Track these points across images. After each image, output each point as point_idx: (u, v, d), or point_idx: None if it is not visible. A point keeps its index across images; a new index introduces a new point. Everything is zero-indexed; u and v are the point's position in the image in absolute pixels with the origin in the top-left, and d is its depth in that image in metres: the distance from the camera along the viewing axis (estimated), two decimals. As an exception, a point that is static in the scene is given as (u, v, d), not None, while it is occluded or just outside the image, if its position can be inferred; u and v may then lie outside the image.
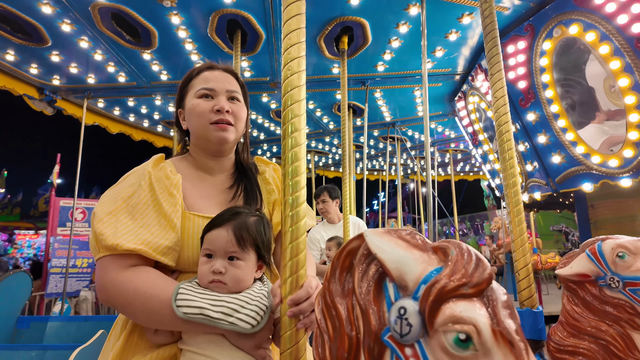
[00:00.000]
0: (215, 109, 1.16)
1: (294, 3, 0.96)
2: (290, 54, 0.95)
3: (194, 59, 4.36)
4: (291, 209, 0.87)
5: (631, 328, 1.19)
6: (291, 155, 0.89)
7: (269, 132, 7.54)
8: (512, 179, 1.68)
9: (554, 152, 3.69)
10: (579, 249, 1.35)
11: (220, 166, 1.26)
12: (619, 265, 1.20)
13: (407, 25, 3.68)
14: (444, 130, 7.44)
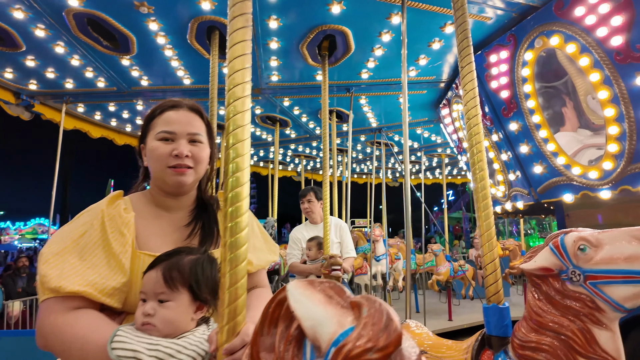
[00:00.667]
0: (174, 153, 1.13)
1: (239, 43, 0.90)
2: (235, 94, 0.89)
3: (175, 65, 4.27)
4: (230, 252, 0.81)
5: (591, 323, 1.15)
6: (232, 197, 0.83)
7: (254, 137, 7.47)
8: (482, 182, 1.63)
9: (535, 162, 3.69)
10: (543, 243, 1.32)
11: (179, 204, 1.22)
12: (580, 258, 1.17)
13: (389, 33, 3.65)
14: (430, 136, 7.45)
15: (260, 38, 3.72)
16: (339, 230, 3.53)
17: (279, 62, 4.22)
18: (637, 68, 2.66)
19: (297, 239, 3.50)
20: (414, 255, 8.45)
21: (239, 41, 0.90)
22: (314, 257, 3.28)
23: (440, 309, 8.92)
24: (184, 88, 4.93)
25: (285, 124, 6.59)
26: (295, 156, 9.51)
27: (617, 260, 1.10)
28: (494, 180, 4.61)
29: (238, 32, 0.90)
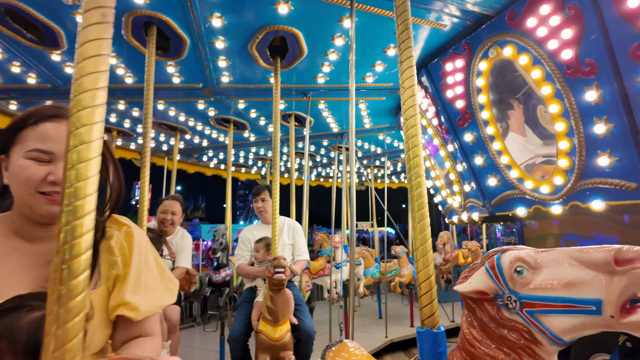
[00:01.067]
0: (49, 179, 0.90)
1: (91, 58, 0.66)
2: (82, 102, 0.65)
3: (112, 63, 3.91)
4: (58, 301, 0.58)
5: (528, 357, 0.99)
6: (68, 212, 0.60)
7: (211, 139, 7.13)
8: (418, 190, 1.49)
9: (490, 174, 3.62)
10: (480, 261, 1.15)
11: (49, 234, 0.97)
12: (517, 282, 1.01)
13: (342, 38, 3.47)
14: (393, 142, 7.37)
15: (205, 36, 3.44)
16: (292, 232, 3.35)
17: (228, 62, 3.94)
18: (586, 83, 2.61)
19: (247, 240, 3.29)
20: (378, 264, 8.37)
21: (92, 39, 0.66)
22: (261, 260, 3.09)
23: (403, 314, 8.89)
24: (126, 87, 4.55)
25: (243, 127, 6.31)
26: (258, 159, 9.22)
27: (556, 287, 0.93)
28: (451, 190, 4.54)
29: (91, 28, 0.67)
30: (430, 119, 4.17)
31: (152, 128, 6.32)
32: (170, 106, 5.33)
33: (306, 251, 3.36)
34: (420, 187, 1.49)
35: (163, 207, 3.35)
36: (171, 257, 3.31)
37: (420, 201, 1.47)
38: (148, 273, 1.04)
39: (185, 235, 3.48)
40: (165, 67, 4.06)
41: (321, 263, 7.34)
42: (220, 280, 4.65)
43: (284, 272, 2.62)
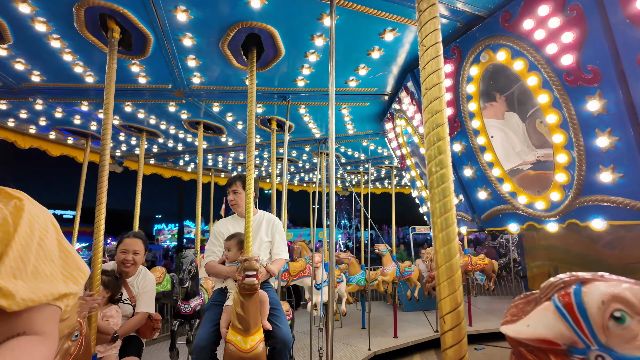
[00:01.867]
0: None
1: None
2: None
3: (68, 59, 3.51)
4: None
5: None
6: None
7: (187, 144, 6.74)
8: (441, 187, 1.21)
9: (480, 187, 3.37)
10: (540, 292, 0.83)
11: None
12: (614, 335, 0.69)
13: (323, 37, 3.17)
14: (377, 148, 7.12)
15: (170, 33, 3.09)
16: (271, 227, 3.03)
17: (198, 62, 3.60)
18: (587, 91, 2.37)
19: (219, 234, 2.96)
20: (364, 271, 8.12)
21: None
22: (233, 259, 2.75)
23: (387, 324, 8.64)
24: (88, 87, 4.15)
25: (220, 131, 5.94)
26: (237, 164, 8.84)
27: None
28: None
29: None
30: (417, 127, 3.91)
31: (122, 131, 5.90)
32: (138, 108, 4.93)
33: (286, 250, 3.06)
34: (444, 181, 1.17)
35: (124, 245, 2.96)
36: (132, 302, 2.92)
37: (444, 202, 1.15)
38: (42, 256, 0.86)
39: (148, 275, 3.09)
40: (130, 66, 3.68)
41: (301, 264, 7.04)
42: (189, 311, 4.14)
43: (256, 275, 2.30)
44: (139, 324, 2.87)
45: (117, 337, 2.67)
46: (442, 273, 1.15)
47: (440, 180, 1.22)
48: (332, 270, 2.69)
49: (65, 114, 5.08)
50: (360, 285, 8.10)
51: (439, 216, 1.18)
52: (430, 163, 1.25)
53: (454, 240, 1.20)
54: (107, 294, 2.75)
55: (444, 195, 1.19)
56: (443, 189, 1.20)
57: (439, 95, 1.31)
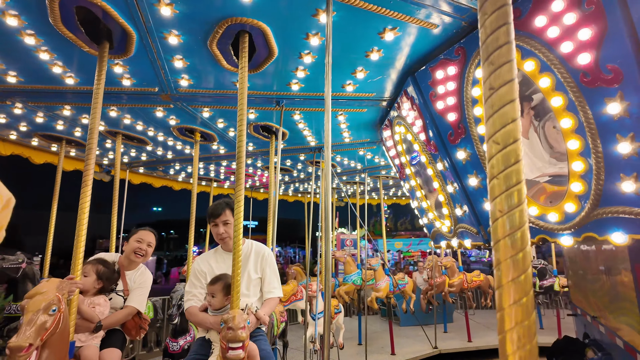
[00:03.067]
0: None
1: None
2: None
3: (45, 58, 3.27)
4: None
5: None
6: None
7: (177, 151, 6.48)
8: (513, 188, 0.92)
9: (486, 197, 3.15)
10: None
11: None
12: None
13: (318, 36, 2.96)
14: (373, 157, 6.91)
15: (154, 30, 2.87)
16: (261, 261, 2.61)
17: (186, 62, 3.37)
18: (607, 93, 2.17)
19: (201, 272, 2.54)
20: (360, 270, 7.90)
21: None
22: (218, 307, 2.37)
23: (383, 340, 8.34)
24: (69, 89, 3.91)
25: (211, 138, 5.70)
26: (230, 174, 8.58)
27: None
28: (439, 213, 4.06)
29: None
30: (417, 134, 3.70)
31: (108, 138, 5.63)
32: (124, 113, 4.68)
33: (279, 285, 2.62)
34: (517, 180, 0.85)
35: (139, 236, 3.02)
36: (125, 295, 2.84)
37: (518, 213, 0.84)
38: None
39: (146, 273, 3.03)
40: (112, 67, 3.45)
41: (292, 287, 6.71)
42: (177, 349, 3.88)
43: (242, 346, 1.99)
44: (125, 318, 2.76)
45: (101, 327, 2.55)
46: (509, 290, 0.82)
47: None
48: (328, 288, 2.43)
49: (47, 119, 4.82)
50: (356, 285, 7.84)
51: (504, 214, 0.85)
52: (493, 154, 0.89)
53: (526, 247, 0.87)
54: (99, 285, 2.69)
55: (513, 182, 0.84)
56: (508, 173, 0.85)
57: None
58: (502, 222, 0.81)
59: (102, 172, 7.63)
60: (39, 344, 1.85)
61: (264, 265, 2.61)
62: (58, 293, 2.01)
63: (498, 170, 0.83)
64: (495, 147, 0.85)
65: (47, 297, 1.95)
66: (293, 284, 6.95)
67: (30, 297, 1.94)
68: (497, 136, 0.85)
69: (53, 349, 1.96)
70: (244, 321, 2.04)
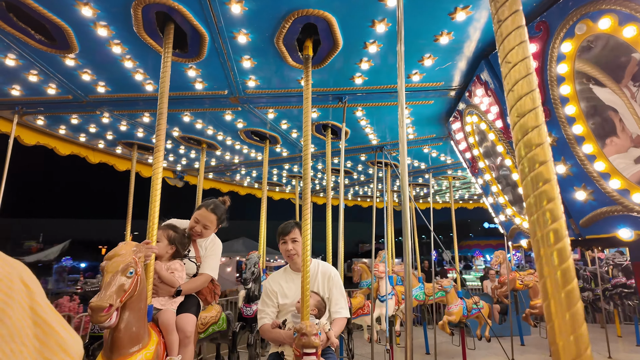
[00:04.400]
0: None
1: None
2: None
3: (129, 66, 3.56)
4: None
5: None
6: None
7: (243, 155, 6.72)
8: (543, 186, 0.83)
9: (577, 186, 2.83)
10: None
11: None
12: None
13: (385, 23, 2.89)
14: (439, 155, 6.61)
15: (225, 30, 2.99)
16: (327, 281, 2.67)
17: (254, 62, 3.48)
18: None
19: (273, 293, 2.64)
20: (422, 284, 7.53)
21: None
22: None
23: (453, 351, 7.90)
24: (149, 96, 4.22)
25: (275, 141, 5.84)
26: (291, 177, 8.73)
27: None
28: (519, 208, 3.74)
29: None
30: (493, 121, 3.45)
31: (182, 144, 6.00)
32: (196, 118, 4.96)
33: (346, 306, 2.65)
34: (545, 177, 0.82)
35: (198, 215, 3.04)
36: (197, 261, 2.96)
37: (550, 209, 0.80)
38: (2, 336, 0.57)
39: (215, 240, 3.15)
40: (186, 71, 3.66)
41: (359, 300, 6.52)
42: (251, 314, 4.12)
43: (315, 353, 2.02)
44: (202, 284, 2.90)
45: (180, 292, 2.67)
46: (554, 302, 0.74)
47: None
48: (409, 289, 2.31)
49: (129, 127, 5.25)
50: (418, 300, 7.47)
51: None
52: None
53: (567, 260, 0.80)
54: (172, 250, 2.79)
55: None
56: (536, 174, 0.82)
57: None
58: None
59: (175, 178, 8.15)
60: (118, 305, 1.92)
61: (330, 285, 2.68)
62: (134, 256, 2.07)
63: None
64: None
65: (125, 259, 2.01)
66: (360, 297, 6.78)
67: (109, 258, 2.00)
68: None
69: (132, 311, 2.04)
70: (317, 329, 2.10)
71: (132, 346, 2.02)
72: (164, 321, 2.48)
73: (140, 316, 2.10)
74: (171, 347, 2.47)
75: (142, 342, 2.09)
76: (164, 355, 2.39)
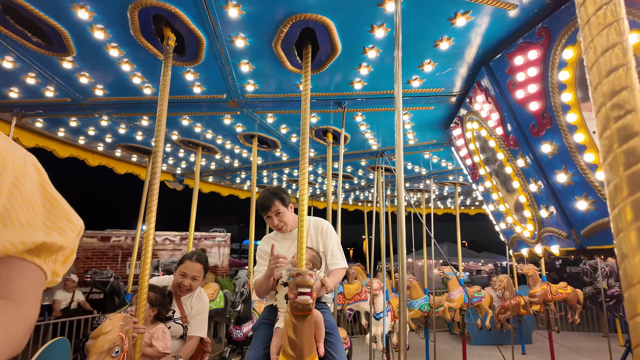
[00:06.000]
0: None
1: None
2: None
3: (126, 70, 3.53)
4: None
5: None
6: None
7: (242, 159, 6.70)
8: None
9: (578, 195, 2.77)
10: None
11: None
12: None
13: (384, 28, 2.85)
14: (440, 161, 6.56)
15: (222, 33, 2.97)
16: (321, 235, 2.63)
17: (252, 66, 3.45)
18: None
19: (265, 253, 2.62)
20: (427, 296, 7.45)
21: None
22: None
23: (453, 358, 7.82)
24: (147, 100, 4.19)
25: (275, 145, 5.81)
26: (292, 181, 8.70)
27: None
28: (520, 217, 3.68)
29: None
30: (493, 128, 3.40)
31: (181, 147, 5.98)
32: (195, 122, 4.93)
33: (343, 257, 2.60)
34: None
35: (184, 269, 2.82)
36: (183, 322, 2.77)
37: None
38: (17, 199, 0.67)
39: (202, 296, 2.95)
40: (184, 75, 3.64)
41: (357, 286, 6.57)
42: (241, 337, 4.00)
43: (310, 293, 1.94)
44: (194, 349, 2.74)
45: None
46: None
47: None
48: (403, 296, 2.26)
49: (128, 130, 5.24)
50: (423, 311, 7.39)
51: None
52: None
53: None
54: (153, 312, 2.62)
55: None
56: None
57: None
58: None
59: (175, 182, 8.13)
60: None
61: (324, 238, 2.63)
62: (121, 332, 2.01)
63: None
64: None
65: (110, 337, 1.95)
66: (357, 283, 6.79)
67: (95, 337, 1.96)
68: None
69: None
70: (311, 272, 2.04)
71: None
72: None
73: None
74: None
75: None
76: None
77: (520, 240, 3.87)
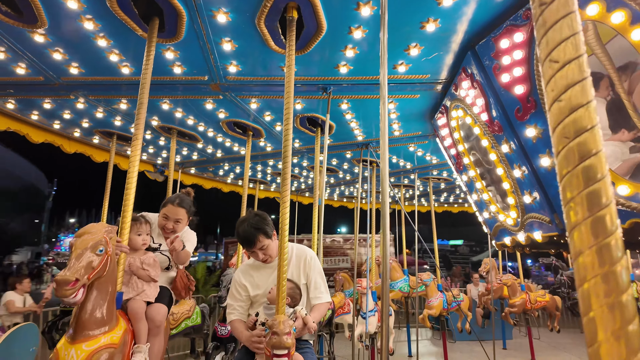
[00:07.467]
0: None
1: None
2: None
3: (102, 45, 3.38)
4: None
5: None
6: None
7: (226, 149, 6.55)
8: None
9: (561, 179, 2.76)
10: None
11: None
12: None
13: (370, 5, 2.79)
14: (424, 155, 6.55)
15: (203, 7, 2.86)
16: (304, 265, 2.42)
17: (234, 45, 3.34)
18: None
19: (242, 286, 2.41)
20: (407, 277, 7.50)
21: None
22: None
23: (435, 355, 7.84)
24: (125, 80, 4.04)
25: (259, 134, 5.69)
26: (276, 174, 8.57)
27: None
28: (503, 204, 3.67)
29: None
30: (478, 114, 3.38)
31: (161, 135, 5.81)
32: (175, 106, 4.79)
33: (326, 291, 2.43)
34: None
35: (166, 212, 2.92)
36: (171, 253, 2.87)
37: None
38: None
39: (188, 232, 3.06)
40: (164, 52, 3.50)
41: (340, 299, 6.42)
42: (226, 334, 3.90)
43: (288, 354, 1.84)
44: (184, 260, 2.90)
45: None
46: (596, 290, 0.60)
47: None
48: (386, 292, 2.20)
49: (106, 114, 5.05)
50: (403, 292, 7.42)
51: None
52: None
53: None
54: (149, 240, 2.78)
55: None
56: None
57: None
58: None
59: (156, 172, 7.92)
60: (85, 281, 1.90)
61: (307, 270, 2.43)
62: (105, 235, 2.06)
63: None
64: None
65: (95, 237, 1.99)
66: (340, 296, 6.68)
67: (79, 235, 2.00)
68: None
69: (101, 292, 2.04)
70: (290, 327, 1.93)
71: (97, 328, 2.01)
72: (132, 309, 2.45)
73: (109, 299, 2.09)
74: (139, 335, 2.41)
75: (108, 326, 2.08)
76: (131, 343, 2.33)
77: (503, 229, 3.87)
